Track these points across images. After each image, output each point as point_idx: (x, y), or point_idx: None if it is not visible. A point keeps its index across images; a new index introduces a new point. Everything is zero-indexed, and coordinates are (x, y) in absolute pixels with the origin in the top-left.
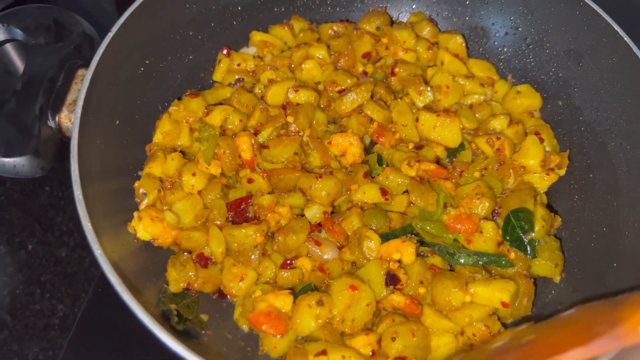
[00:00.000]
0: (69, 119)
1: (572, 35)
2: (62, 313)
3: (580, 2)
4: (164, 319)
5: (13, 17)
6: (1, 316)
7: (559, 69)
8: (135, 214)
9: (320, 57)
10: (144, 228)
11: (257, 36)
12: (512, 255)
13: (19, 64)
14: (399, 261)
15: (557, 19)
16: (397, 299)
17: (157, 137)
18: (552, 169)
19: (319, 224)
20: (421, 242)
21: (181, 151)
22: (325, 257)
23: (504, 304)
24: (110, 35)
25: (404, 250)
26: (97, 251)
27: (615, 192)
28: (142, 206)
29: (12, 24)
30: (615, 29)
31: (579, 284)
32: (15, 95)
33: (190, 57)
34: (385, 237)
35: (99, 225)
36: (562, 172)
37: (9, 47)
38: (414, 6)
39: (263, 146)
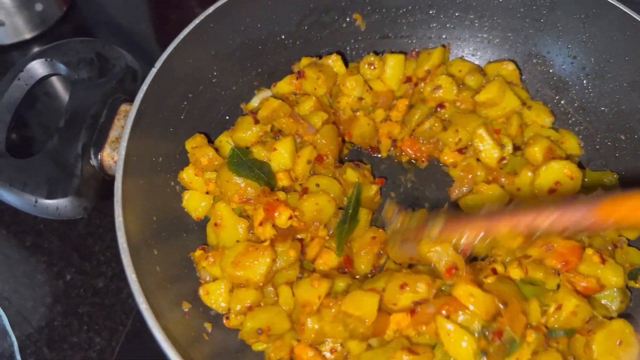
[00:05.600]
0: (112, 157)
1: (637, 66)
2: (99, 346)
3: None
4: None
5: (56, 51)
6: (39, 348)
7: (621, 101)
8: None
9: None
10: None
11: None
12: None
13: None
14: None
15: (620, 48)
16: None
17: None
18: None
19: None
20: None
21: None
22: None
23: None
24: (154, 71)
25: None
26: (142, 305)
27: None
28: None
29: (55, 58)
30: None
31: None
32: (58, 132)
33: (233, 88)
34: None
35: (144, 275)
36: None
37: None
38: (465, 34)
39: None
